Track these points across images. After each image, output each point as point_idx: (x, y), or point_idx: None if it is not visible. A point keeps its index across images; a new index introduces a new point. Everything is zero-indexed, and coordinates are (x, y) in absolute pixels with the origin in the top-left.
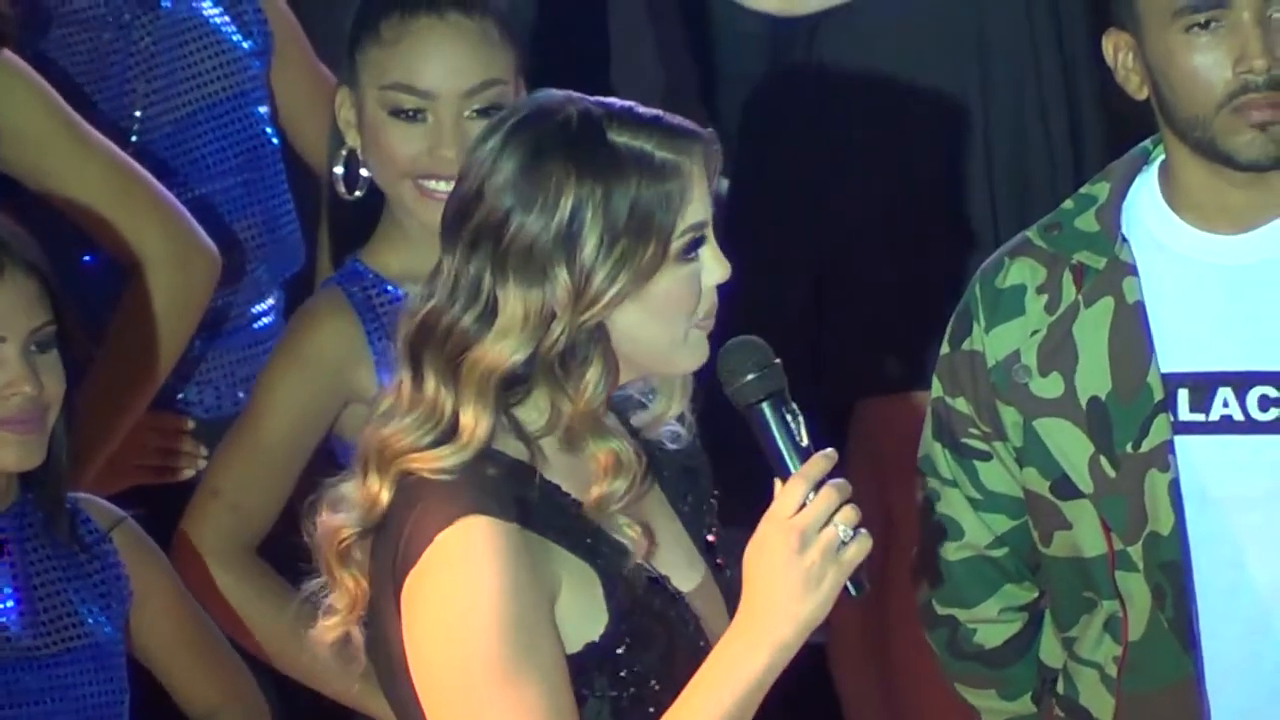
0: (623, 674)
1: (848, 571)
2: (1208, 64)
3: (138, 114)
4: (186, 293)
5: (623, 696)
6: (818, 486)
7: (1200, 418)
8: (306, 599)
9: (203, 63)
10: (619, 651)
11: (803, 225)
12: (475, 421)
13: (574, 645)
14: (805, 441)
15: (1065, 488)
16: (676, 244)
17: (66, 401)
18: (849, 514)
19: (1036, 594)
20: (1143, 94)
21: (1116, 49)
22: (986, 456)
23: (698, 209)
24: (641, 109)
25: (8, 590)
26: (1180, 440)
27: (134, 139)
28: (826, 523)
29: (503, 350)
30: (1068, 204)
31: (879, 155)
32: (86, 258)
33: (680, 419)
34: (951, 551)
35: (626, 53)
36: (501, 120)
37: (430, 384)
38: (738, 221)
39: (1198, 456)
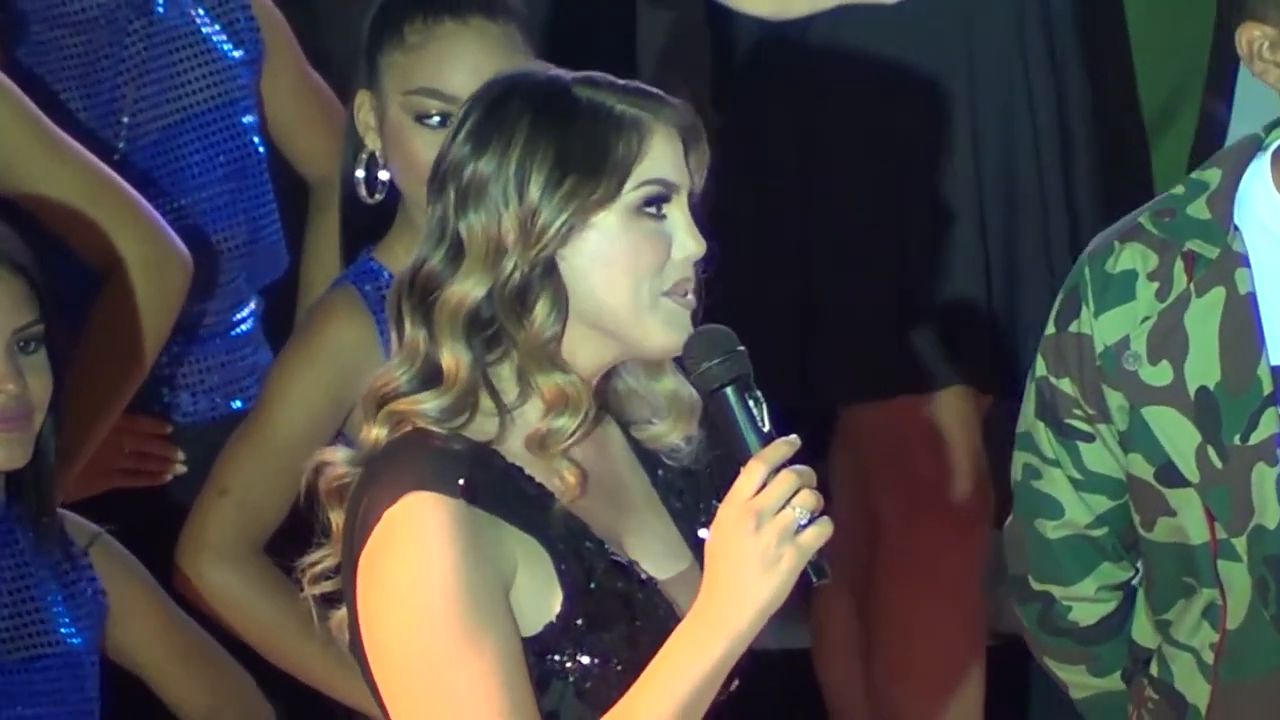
0: (583, 654)
1: (806, 554)
2: None
3: (125, 120)
4: (161, 296)
5: (585, 677)
6: (778, 471)
7: None
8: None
9: (193, 71)
10: (577, 631)
11: (790, 231)
12: (456, 364)
13: (535, 626)
14: (767, 427)
15: (1171, 475)
16: (633, 192)
17: (53, 403)
18: (808, 498)
19: (1132, 573)
20: (1259, 65)
21: (1252, 41)
22: (1090, 438)
23: (661, 165)
24: (621, 80)
25: None
26: None
27: (121, 145)
28: (785, 506)
29: (465, 286)
30: (1179, 189)
31: (866, 161)
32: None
33: (688, 440)
34: (1050, 529)
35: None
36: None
37: (409, 329)
38: (726, 226)
39: None
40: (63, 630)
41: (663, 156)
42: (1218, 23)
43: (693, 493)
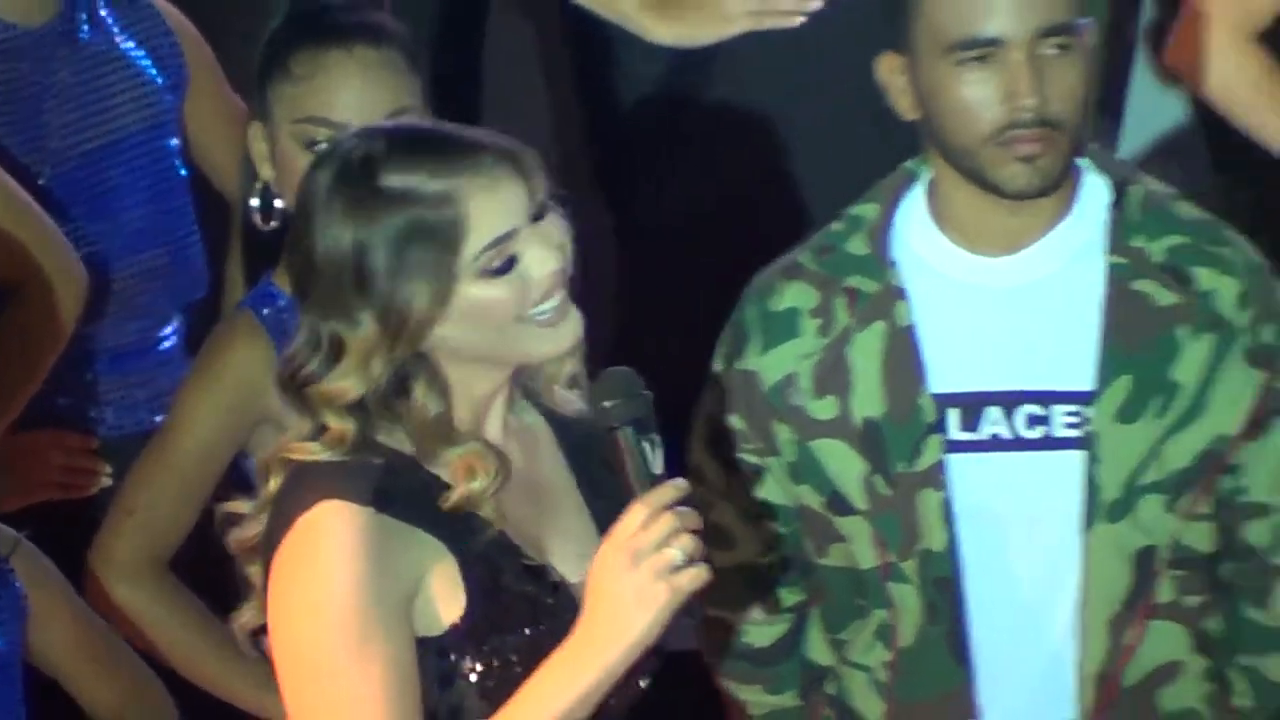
0: (484, 655)
1: (679, 594)
2: (979, 98)
3: (51, 145)
4: (56, 310)
5: (488, 677)
6: (662, 513)
7: (970, 436)
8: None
9: (117, 96)
10: (479, 633)
11: (702, 249)
12: (342, 426)
13: (439, 627)
14: (658, 470)
15: (840, 504)
16: (475, 264)
17: None
18: (686, 541)
19: (804, 597)
20: (913, 115)
21: (890, 71)
22: (759, 471)
23: (488, 225)
24: (434, 133)
25: None
26: (952, 459)
27: (46, 169)
28: (664, 546)
29: (341, 385)
30: (837, 225)
31: (772, 186)
32: None
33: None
34: (722, 559)
35: (518, 81)
36: (314, 160)
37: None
38: (641, 245)
39: (969, 474)
40: None
41: (488, 214)
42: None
43: (618, 496)
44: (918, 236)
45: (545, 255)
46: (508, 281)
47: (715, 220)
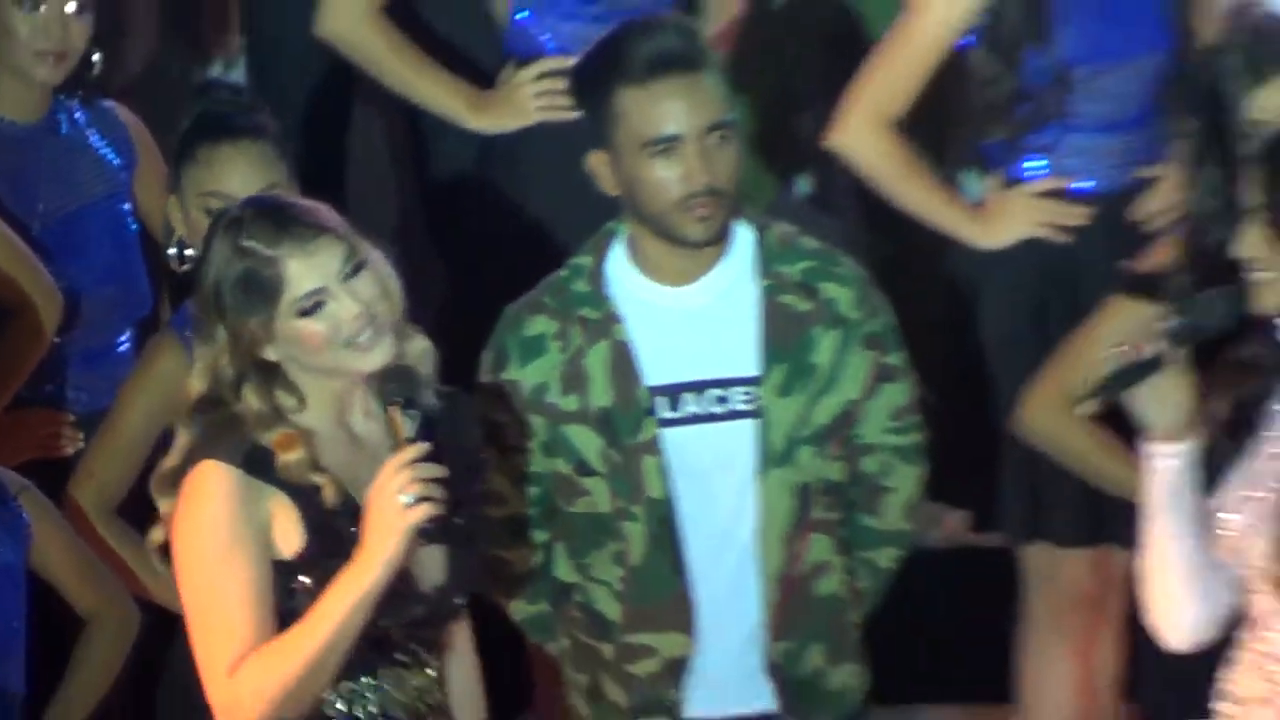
0: (317, 575)
1: (412, 522)
2: (666, 178)
3: (40, 207)
4: (40, 326)
5: (318, 590)
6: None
7: (675, 415)
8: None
9: (86, 172)
10: (313, 560)
11: (504, 279)
12: (254, 406)
13: (287, 554)
14: (409, 435)
15: (584, 469)
16: (291, 308)
17: None
18: (418, 486)
19: (550, 536)
20: (616, 192)
21: (598, 164)
22: (520, 450)
23: (302, 282)
24: (281, 209)
25: None
26: (663, 432)
27: (36, 224)
28: (404, 490)
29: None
30: (564, 272)
31: (552, 238)
32: None
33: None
34: (497, 512)
35: (373, 158)
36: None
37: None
38: (460, 279)
39: (677, 442)
40: (3, 551)
41: (302, 275)
42: None
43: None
44: (624, 276)
45: (351, 304)
46: (319, 319)
47: (512, 257)
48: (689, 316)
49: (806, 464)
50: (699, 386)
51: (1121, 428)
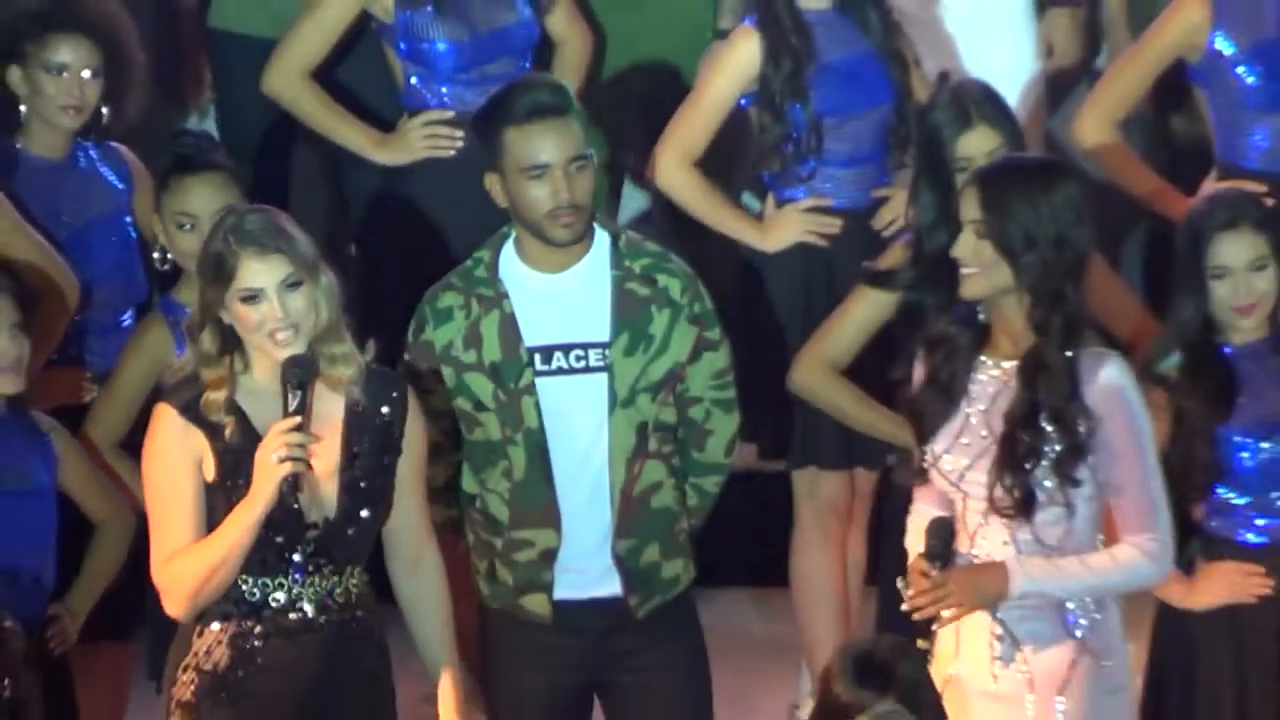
0: (225, 498)
1: (277, 474)
2: (539, 195)
3: (64, 219)
4: (65, 304)
5: (232, 506)
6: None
7: (547, 368)
8: None
9: (98, 195)
10: (224, 485)
11: (412, 285)
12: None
13: (209, 479)
14: (292, 409)
15: (480, 407)
16: (234, 294)
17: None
18: (289, 449)
19: (459, 457)
20: (504, 204)
21: (492, 182)
22: (433, 392)
23: (245, 280)
24: (252, 226)
25: None
26: (539, 380)
27: (62, 232)
28: (277, 448)
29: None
30: (469, 263)
31: (449, 244)
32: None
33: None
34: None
35: (307, 191)
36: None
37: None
38: (378, 284)
39: (548, 388)
40: (39, 475)
41: (247, 275)
42: None
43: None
44: (512, 266)
45: (278, 309)
46: (253, 310)
47: (419, 266)
48: (559, 296)
49: (645, 408)
50: (565, 348)
51: (866, 381)
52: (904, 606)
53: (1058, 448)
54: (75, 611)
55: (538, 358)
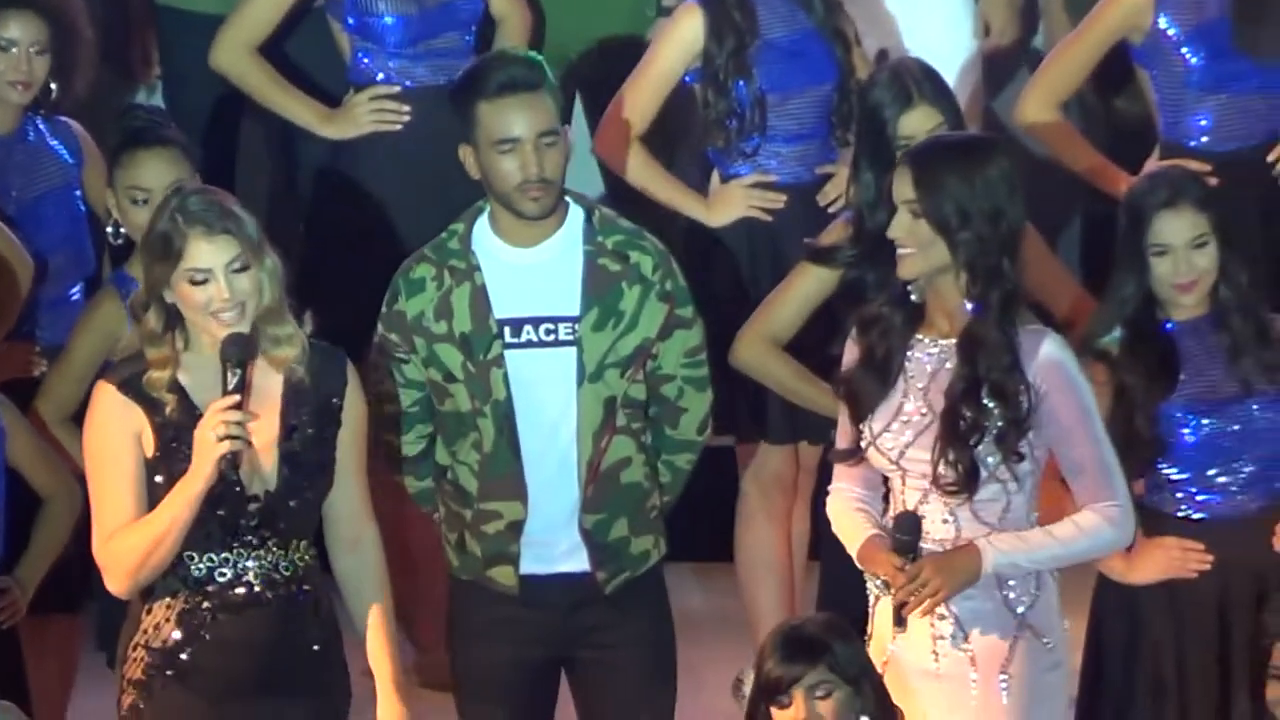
0: (165, 474)
1: (214, 451)
2: (510, 168)
3: (14, 194)
4: (19, 282)
5: (168, 485)
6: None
7: (516, 340)
8: None
9: (47, 168)
10: (163, 460)
11: (371, 256)
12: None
13: (148, 455)
14: (231, 387)
15: (450, 378)
16: (181, 274)
17: None
18: (225, 428)
19: (432, 429)
20: (476, 176)
21: (466, 155)
22: (406, 361)
23: (192, 259)
24: (200, 204)
25: None
26: (507, 353)
27: (10, 207)
28: (214, 426)
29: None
30: (444, 235)
31: (406, 214)
32: None
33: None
34: (389, 410)
35: (253, 166)
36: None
37: None
38: (327, 259)
39: (517, 360)
40: None
41: (195, 254)
42: None
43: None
44: (486, 239)
45: (224, 290)
46: (199, 290)
47: (365, 240)
48: (530, 270)
49: (613, 383)
50: (535, 321)
51: (808, 357)
52: (892, 604)
53: (1000, 424)
54: (25, 584)
55: (507, 330)
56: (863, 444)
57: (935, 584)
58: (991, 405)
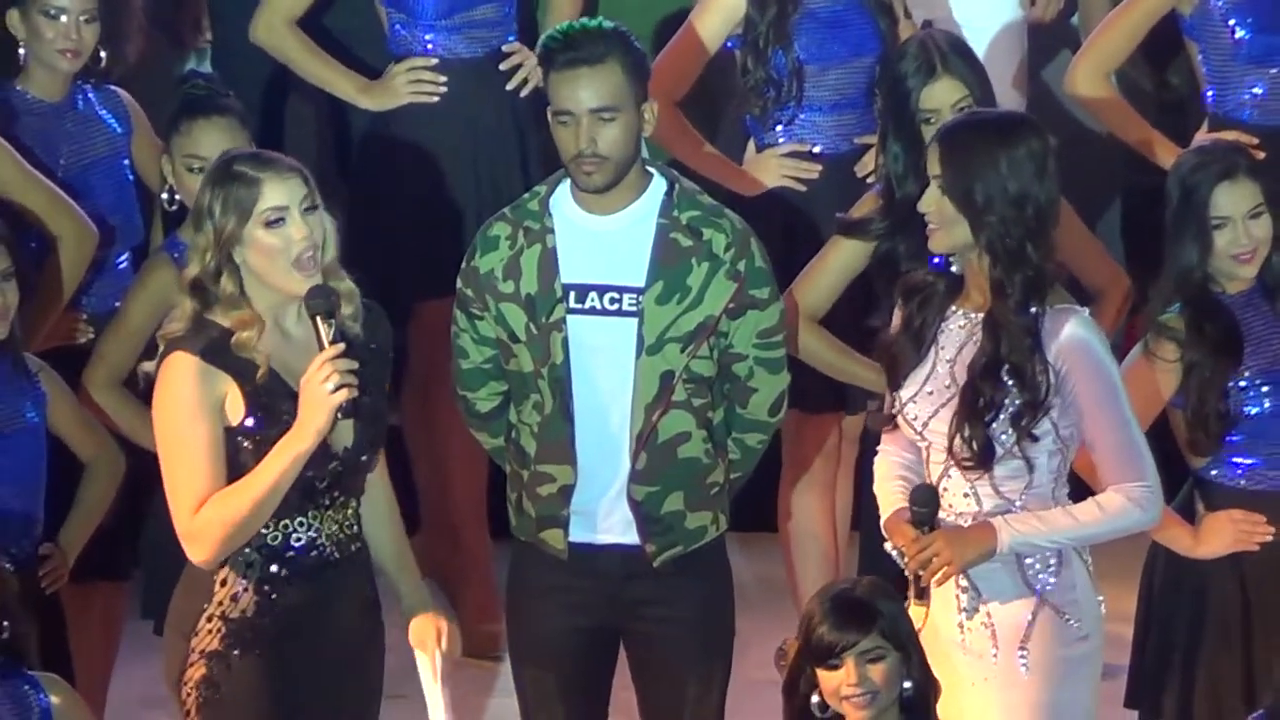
0: (258, 439)
1: (332, 403)
2: (566, 139)
3: (63, 162)
4: (81, 253)
5: (259, 451)
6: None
7: (580, 306)
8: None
9: (96, 136)
10: (254, 429)
11: (412, 224)
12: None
13: (233, 423)
14: (329, 340)
15: (514, 338)
16: (258, 218)
17: (21, 305)
18: (338, 377)
19: (506, 386)
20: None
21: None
22: (480, 317)
23: (271, 199)
24: (262, 153)
25: None
26: (569, 317)
27: (60, 174)
28: (326, 379)
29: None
30: (527, 195)
31: (454, 183)
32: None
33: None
34: (464, 365)
35: (301, 133)
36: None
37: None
38: (373, 219)
39: (578, 326)
40: (29, 414)
41: (272, 195)
42: None
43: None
44: (564, 203)
45: (303, 229)
46: (278, 234)
47: (394, 197)
48: (603, 237)
49: (672, 357)
50: (600, 289)
51: (842, 330)
52: (907, 573)
53: (1017, 401)
54: (67, 550)
55: (572, 295)
56: (894, 411)
57: (945, 556)
58: (1010, 384)
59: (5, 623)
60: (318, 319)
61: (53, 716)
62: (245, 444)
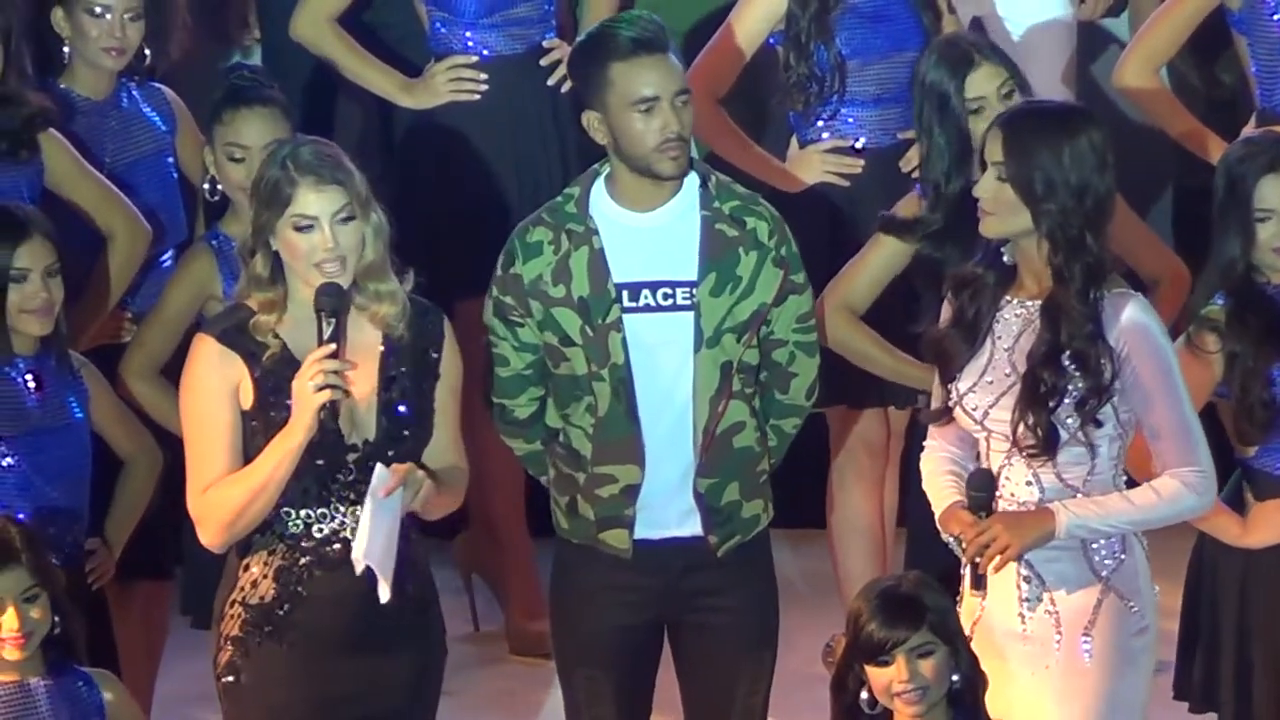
0: (264, 423)
1: (316, 401)
2: (649, 129)
3: (107, 160)
4: (134, 250)
5: (267, 433)
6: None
7: (634, 305)
8: None
9: (140, 134)
10: (264, 412)
11: (458, 217)
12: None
13: (246, 406)
14: (326, 337)
15: (567, 341)
16: (287, 220)
17: (65, 303)
18: (325, 376)
19: (543, 391)
20: (604, 141)
21: (592, 120)
22: (521, 325)
23: (301, 207)
24: (312, 154)
25: (33, 392)
26: (625, 316)
27: (105, 171)
28: (313, 377)
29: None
30: (559, 198)
31: (491, 180)
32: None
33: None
34: (503, 372)
35: (348, 127)
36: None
37: None
38: (422, 215)
39: (634, 324)
40: (74, 410)
41: (303, 203)
42: None
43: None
44: (603, 203)
45: (329, 240)
46: (303, 238)
47: (437, 192)
48: (649, 234)
49: (729, 348)
50: (653, 285)
51: (884, 327)
52: (963, 561)
53: (1081, 386)
54: (111, 545)
55: (625, 294)
56: (950, 404)
57: (1003, 540)
58: (1072, 369)
59: (57, 618)
60: (321, 316)
61: (106, 714)
62: (255, 425)
